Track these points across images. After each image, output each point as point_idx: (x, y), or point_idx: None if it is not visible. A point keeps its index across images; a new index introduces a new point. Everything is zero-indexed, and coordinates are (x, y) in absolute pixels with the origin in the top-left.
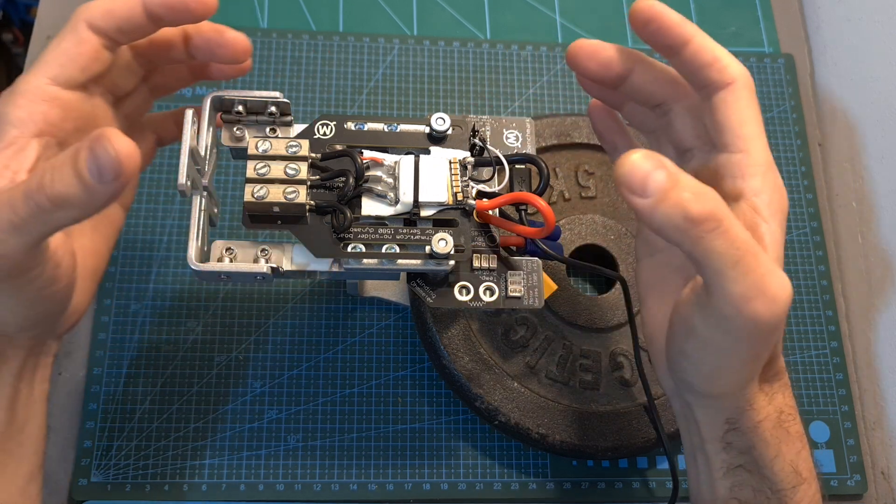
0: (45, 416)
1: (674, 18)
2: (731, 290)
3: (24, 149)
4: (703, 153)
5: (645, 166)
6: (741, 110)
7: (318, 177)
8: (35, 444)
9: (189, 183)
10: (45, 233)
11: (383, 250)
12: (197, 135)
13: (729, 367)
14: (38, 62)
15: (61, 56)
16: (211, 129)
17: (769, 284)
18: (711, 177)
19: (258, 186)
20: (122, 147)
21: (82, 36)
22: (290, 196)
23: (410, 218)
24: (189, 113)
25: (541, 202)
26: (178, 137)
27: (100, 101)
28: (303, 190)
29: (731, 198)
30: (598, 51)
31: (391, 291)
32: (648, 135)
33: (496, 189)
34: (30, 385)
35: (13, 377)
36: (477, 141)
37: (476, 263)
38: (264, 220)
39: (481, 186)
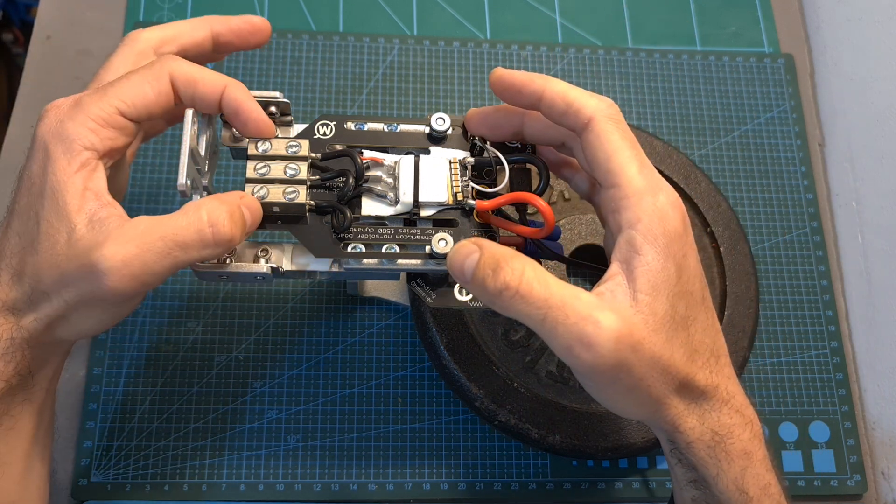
0: (54, 408)
1: (521, 78)
2: (553, 344)
3: (96, 170)
4: (602, 191)
5: (458, 256)
6: (605, 145)
7: (318, 177)
8: (49, 447)
9: (189, 183)
10: (191, 263)
11: (383, 250)
12: (197, 135)
13: (608, 400)
14: (109, 86)
15: (137, 96)
16: (211, 129)
17: (583, 332)
18: (605, 212)
19: (258, 186)
20: (259, 206)
21: (162, 88)
22: (290, 196)
23: (410, 218)
24: (189, 113)
25: (541, 202)
26: (162, 130)
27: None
28: (303, 190)
29: (618, 231)
30: (486, 117)
31: (391, 291)
32: (566, 173)
33: (496, 189)
34: (54, 390)
35: (48, 382)
36: (477, 141)
37: None
38: (264, 220)
39: (481, 186)
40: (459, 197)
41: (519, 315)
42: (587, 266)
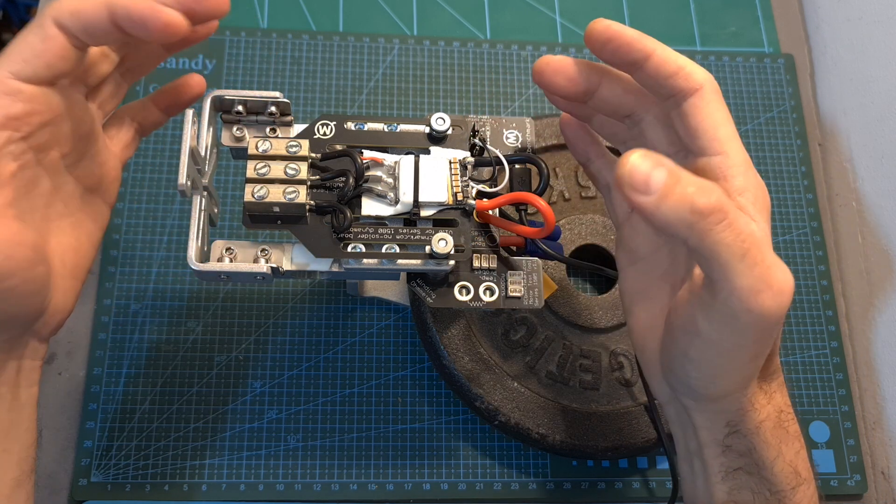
0: (35, 422)
1: (632, 35)
2: (739, 284)
3: None
4: (678, 160)
5: (646, 164)
6: (712, 114)
7: (318, 177)
8: (22, 450)
9: (189, 183)
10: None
11: (383, 250)
12: (197, 135)
13: (732, 365)
14: (1, 56)
15: (25, 51)
16: (211, 129)
17: (774, 276)
18: None
19: (258, 186)
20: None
21: (49, 32)
22: (290, 196)
23: (410, 218)
24: (189, 113)
25: (541, 202)
26: (160, 122)
27: (71, 94)
28: (303, 190)
29: None
30: (564, 67)
31: (391, 291)
32: (620, 145)
33: (496, 189)
34: (13, 389)
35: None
36: (477, 141)
37: (476, 263)
38: (264, 220)
39: (481, 186)
40: (459, 197)
41: (714, 244)
42: (587, 266)
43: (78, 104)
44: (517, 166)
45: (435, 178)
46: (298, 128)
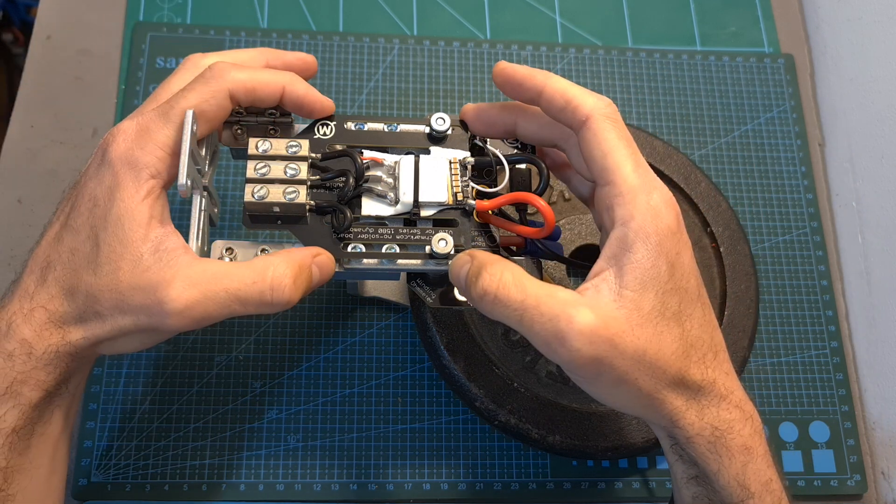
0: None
1: (523, 73)
2: (534, 341)
3: (161, 198)
4: (597, 188)
5: (457, 264)
6: (601, 143)
7: (318, 177)
8: (70, 443)
9: (189, 183)
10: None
11: (383, 250)
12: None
13: (599, 394)
14: (171, 108)
15: (199, 116)
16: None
17: (556, 327)
18: (600, 209)
19: (258, 186)
20: (332, 262)
21: (221, 102)
22: (290, 196)
23: (410, 218)
24: (189, 113)
25: (541, 202)
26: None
27: None
28: (303, 190)
29: (611, 227)
30: (479, 112)
31: (391, 291)
32: (566, 174)
33: (496, 189)
34: (78, 386)
35: (76, 388)
36: (477, 141)
37: None
38: (264, 220)
39: (481, 186)
40: (459, 197)
41: (501, 317)
42: (587, 266)
43: None
44: (517, 166)
45: (435, 178)
46: (298, 128)
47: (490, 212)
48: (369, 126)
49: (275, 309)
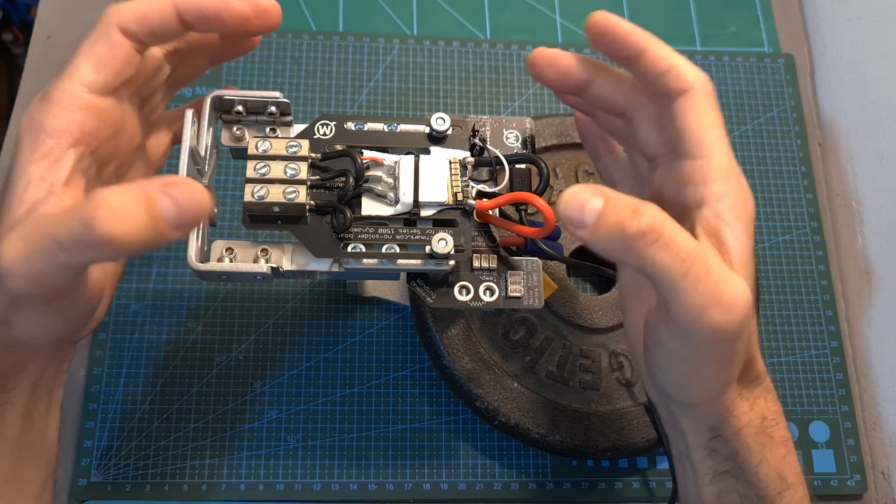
0: (59, 422)
1: (628, 29)
2: (685, 301)
3: (60, 159)
4: (667, 161)
5: (581, 197)
6: (700, 116)
7: (318, 177)
8: (50, 450)
9: None
10: (90, 264)
11: (383, 250)
12: (197, 135)
13: (698, 376)
14: (70, 67)
15: (95, 61)
16: (211, 129)
17: (723, 292)
18: (676, 184)
19: (258, 186)
20: (204, 197)
21: (115, 39)
22: (290, 196)
23: (410, 218)
24: (189, 113)
25: (541, 202)
26: (205, 68)
27: (128, 105)
28: (303, 190)
29: (695, 204)
30: (556, 60)
31: (391, 291)
32: (622, 142)
33: (496, 189)
34: (48, 392)
35: (31, 385)
36: (477, 141)
37: (476, 263)
38: (264, 220)
39: (481, 186)
40: (459, 197)
41: (654, 265)
42: (587, 266)
43: (133, 115)
44: (517, 166)
45: (435, 178)
46: (298, 128)
47: (490, 212)
48: (369, 126)
49: (104, 252)
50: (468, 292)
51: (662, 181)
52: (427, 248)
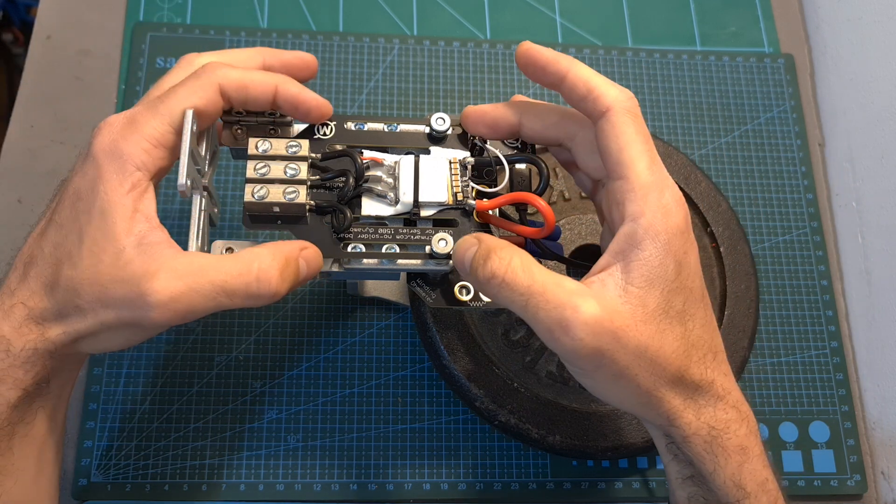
0: (65, 414)
1: (548, 57)
2: (536, 329)
3: (147, 192)
4: (606, 182)
5: (460, 249)
6: (618, 136)
7: (318, 177)
8: (62, 450)
9: (189, 183)
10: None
11: (383, 250)
12: (197, 135)
13: (597, 388)
14: (161, 104)
15: (182, 104)
16: (211, 129)
17: (562, 315)
18: (608, 205)
19: (258, 186)
20: (320, 258)
21: (212, 97)
22: (290, 196)
23: (410, 218)
24: (189, 113)
25: (541, 202)
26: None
27: None
28: (303, 190)
29: (619, 223)
30: (483, 113)
31: (391, 291)
32: (571, 169)
33: (496, 189)
34: (68, 393)
35: (59, 388)
36: (477, 141)
37: None
38: (264, 220)
39: (481, 186)
40: (459, 197)
41: (506, 302)
42: (587, 266)
43: None
44: (517, 166)
45: (435, 178)
46: (298, 128)
47: (490, 212)
48: (369, 126)
49: (261, 302)
50: (468, 292)
51: (601, 202)
52: (427, 248)
